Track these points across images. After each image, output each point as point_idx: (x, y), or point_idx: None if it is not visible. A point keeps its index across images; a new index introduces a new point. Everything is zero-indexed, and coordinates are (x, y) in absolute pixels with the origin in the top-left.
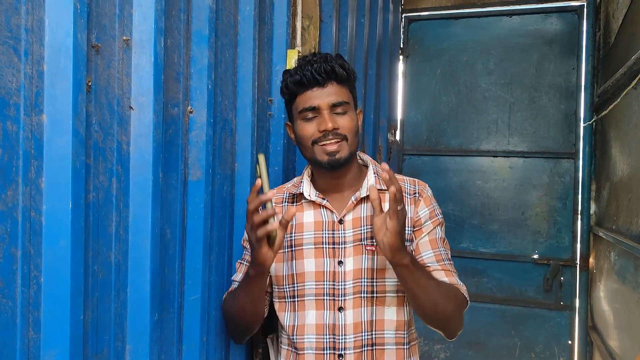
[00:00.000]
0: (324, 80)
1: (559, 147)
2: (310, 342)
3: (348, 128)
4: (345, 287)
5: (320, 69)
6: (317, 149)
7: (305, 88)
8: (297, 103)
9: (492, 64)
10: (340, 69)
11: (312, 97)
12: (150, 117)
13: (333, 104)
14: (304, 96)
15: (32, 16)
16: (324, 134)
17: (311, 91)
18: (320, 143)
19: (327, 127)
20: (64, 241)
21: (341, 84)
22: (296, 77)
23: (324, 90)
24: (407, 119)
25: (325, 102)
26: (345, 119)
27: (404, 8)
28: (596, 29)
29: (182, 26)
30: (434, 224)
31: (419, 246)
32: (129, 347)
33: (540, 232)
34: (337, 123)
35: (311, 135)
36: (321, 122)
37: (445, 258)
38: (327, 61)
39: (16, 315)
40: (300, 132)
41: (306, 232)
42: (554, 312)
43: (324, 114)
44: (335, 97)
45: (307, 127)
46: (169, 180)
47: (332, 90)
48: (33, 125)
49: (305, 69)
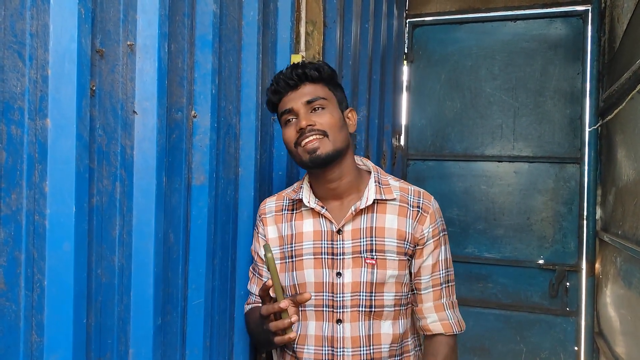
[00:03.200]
0: (295, 83)
1: (564, 152)
2: (309, 352)
3: (328, 124)
4: (344, 299)
5: (292, 74)
6: (299, 150)
7: (280, 95)
8: (279, 111)
9: (496, 69)
10: (312, 70)
11: (288, 101)
12: (154, 121)
13: (307, 101)
14: (282, 103)
15: (36, 21)
16: (300, 132)
17: (286, 96)
18: (300, 143)
19: (301, 124)
20: (67, 245)
21: (316, 83)
22: (272, 87)
23: (298, 92)
24: (412, 124)
25: (299, 102)
26: (323, 116)
27: (408, 13)
28: (601, 34)
29: (186, 31)
30: (436, 242)
31: (421, 270)
32: (132, 351)
33: (545, 238)
34: (313, 120)
35: (292, 137)
36: (297, 122)
37: (443, 281)
38: (297, 67)
39: (19, 318)
40: (284, 137)
41: (305, 242)
42: (560, 318)
43: (300, 114)
44: (308, 95)
45: (288, 131)
46: (173, 184)
47: (306, 90)
48: (37, 130)
49: (278, 78)
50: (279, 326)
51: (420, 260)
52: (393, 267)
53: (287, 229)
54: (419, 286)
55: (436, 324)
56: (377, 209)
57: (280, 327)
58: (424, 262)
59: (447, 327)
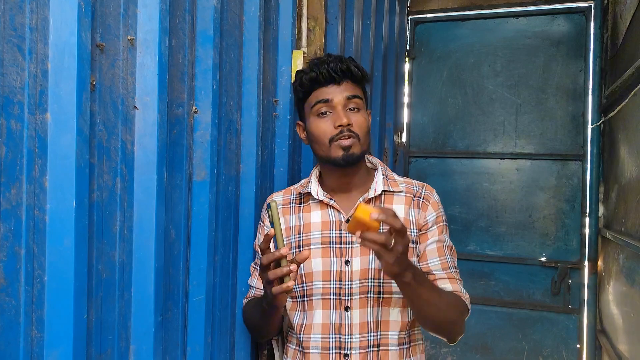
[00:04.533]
0: (340, 79)
1: (566, 149)
2: (316, 341)
3: (360, 126)
4: (352, 287)
5: (337, 68)
6: (333, 146)
7: (320, 85)
8: (311, 99)
9: (498, 66)
10: (356, 69)
11: (328, 92)
12: (155, 116)
13: (347, 97)
14: (319, 92)
15: (36, 15)
16: (340, 130)
17: (327, 87)
18: (336, 139)
19: (342, 122)
20: (67, 240)
21: (355, 83)
22: (312, 74)
23: (340, 87)
24: (414, 121)
25: (340, 96)
26: (358, 116)
27: (410, 10)
28: (604, 30)
29: (187, 26)
30: (440, 229)
31: (427, 253)
32: (133, 347)
33: (547, 235)
34: (351, 119)
35: (327, 132)
36: (336, 118)
37: (451, 266)
38: (342, 61)
39: (20, 314)
40: (315, 129)
41: (314, 231)
42: (562, 316)
43: (338, 109)
44: (349, 92)
45: (322, 124)
46: (174, 180)
47: (347, 87)
48: (37, 124)
49: (322, 67)
50: (277, 274)
51: (424, 244)
52: None
53: (295, 220)
54: (428, 270)
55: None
56: (384, 200)
57: (279, 274)
58: (428, 245)
59: (461, 295)
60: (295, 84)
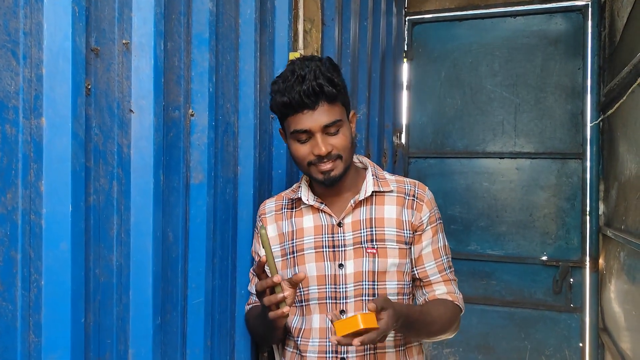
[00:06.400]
0: (313, 103)
1: (565, 147)
2: (314, 345)
3: (342, 147)
4: (347, 290)
5: (309, 92)
6: (312, 169)
7: (294, 111)
8: (289, 123)
9: (496, 65)
10: (329, 87)
11: (303, 120)
12: (151, 120)
13: (325, 124)
14: (295, 118)
15: (30, 20)
16: (318, 157)
17: (302, 114)
18: (314, 164)
19: (320, 152)
20: (64, 244)
21: (332, 102)
22: (284, 99)
23: (315, 112)
24: (412, 122)
25: (317, 125)
26: (338, 139)
27: (407, 11)
28: (601, 28)
29: (183, 29)
30: (434, 229)
31: (423, 257)
32: (132, 351)
33: (548, 234)
34: (331, 145)
35: (305, 157)
36: (314, 146)
37: (446, 267)
38: (316, 78)
39: (17, 318)
40: (295, 152)
41: (306, 236)
42: (564, 315)
43: (317, 137)
44: (326, 118)
45: (301, 149)
46: (171, 183)
47: (323, 111)
48: (32, 129)
49: (294, 92)
50: (272, 300)
51: (419, 246)
52: (394, 255)
53: (287, 226)
54: (424, 274)
55: (444, 295)
56: (375, 200)
57: (274, 301)
58: (424, 249)
59: (455, 298)
60: (270, 101)
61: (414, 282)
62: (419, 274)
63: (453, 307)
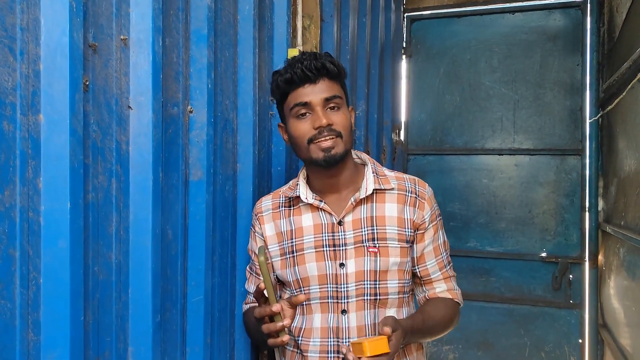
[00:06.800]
0: (315, 77)
1: (565, 143)
2: (315, 345)
3: (342, 125)
4: (348, 290)
5: (311, 66)
6: (312, 148)
7: (296, 85)
8: (289, 101)
9: (495, 62)
10: (331, 65)
11: (304, 94)
12: (150, 116)
13: (326, 98)
14: (295, 93)
15: (27, 15)
16: (319, 130)
17: (302, 88)
18: (315, 141)
19: (321, 123)
20: (63, 242)
21: (332, 80)
22: (286, 75)
23: (316, 87)
24: (411, 118)
25: (318, 97)
26: (339, 115)
27: (405, 7)
28: (600, 24)
29: (181, 25)
30: (435, 227)
31: (425, 255)
32: (131, 349)
33: (548, 230)
34: (331, 119)
35: (306, 133)
36: (315, 119)
37: (446, 263)
38: (316, 58)
39: (15, 316)
40: (295, 131)
41: (306, 236)
42: (564, 311)
43: (317, 110)
44: (327, 92)
45: (301, 125)
46: (170, 180)
47: (324, 86)
48: (30, 125)
49: (296, 67)
50: (271, 329)
51: (421, 244)
52: (395, 254)
53: (286, 225)
54: (426, 272)
55: (444, 292)
56: (376, 198)
57: (272, 330)
58: (426, 247)
59: (454, 295)
60: (272, 86)
61: (414, 279)
62: (420, 272)
63: (453, 305)
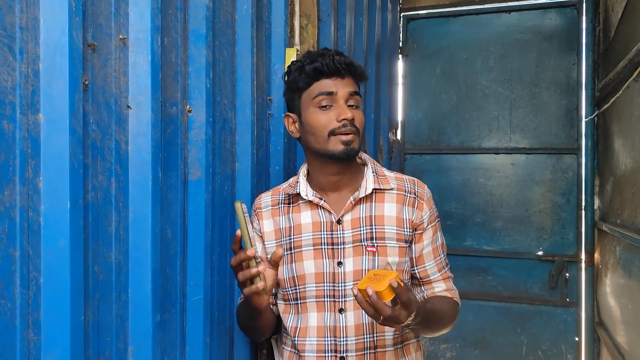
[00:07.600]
0: (344, 72)
1: (561, 142)
2: (312, 344)
3: (360, 123)
4: (346, 289)
5: (342, 61)
6: (333, 139)
7: (324, 76)
8: (312, 89)
9: (491, 61)
10: (359, 67)
11: (332, 84)
12: (149, 116)
13: (351, 92)
14: (321, 83)
15: (26, 14)
16: (343, 123)
17: (330, 79)
18: (337, 133)
19: (346, 116)
20: (62, 241)
21: (355, 80)
22: (316, 64)
23: (343, 81)
24: (408, 118)
25: (343, 91)
26: (358, 113)
27: (402, 7)
28: (596, 23)
29: (179, 25)
30: (434, 228)
31: (424, 256)
32: (131, 348)
33: (544, 229)
34: (354, 115)
35: (328, 124)
36: (340, 112)
37: (444, 264)
38: (344, 56)
39: (15, 316)
40: (315, 121)
41: (304, 233)
42: (560, 309)
43: (341, 103)
44: (352, 88)
45: (322, 116)
46: (169, 179)
47: (350, 82)
48: (29, 125)
49: (327, 58)
50: (246, 275)
51: (420, 245)
52: (394, 254)
53: (285, 222)
54: (425, 273)
55: (444, 292)
56: (375, 198)
57: (247, 276)
58: (425, 248)
59: (453, 295)
60: (293, 73)
61: (412, 279)
62: (419, 273)
63: (454, 303)
